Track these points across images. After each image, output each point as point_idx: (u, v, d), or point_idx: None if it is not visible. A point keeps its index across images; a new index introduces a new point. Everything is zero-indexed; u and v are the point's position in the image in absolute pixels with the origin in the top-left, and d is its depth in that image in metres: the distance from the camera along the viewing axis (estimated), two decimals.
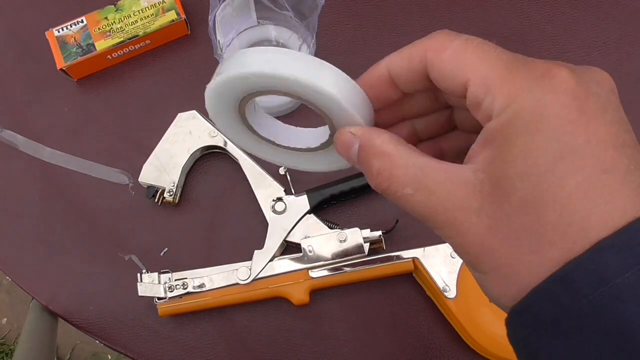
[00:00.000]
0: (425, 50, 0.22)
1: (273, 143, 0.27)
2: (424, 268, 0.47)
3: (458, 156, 0.27)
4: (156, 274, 0.48)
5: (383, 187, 0.23)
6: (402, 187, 0.22)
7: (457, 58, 0.21)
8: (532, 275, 0.20)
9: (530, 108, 0.19)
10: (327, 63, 0.23)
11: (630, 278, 0.18)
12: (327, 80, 0.22)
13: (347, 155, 0.24)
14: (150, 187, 0.51)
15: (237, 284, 0.48)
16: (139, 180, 0.50)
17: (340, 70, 0.23)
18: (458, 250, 0.22)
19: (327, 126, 0.26)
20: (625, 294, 0.18)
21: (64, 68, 0.53)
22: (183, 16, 0.53)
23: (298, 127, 0.28)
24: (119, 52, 0.54)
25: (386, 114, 0.26)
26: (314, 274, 0.48)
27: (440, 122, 0.27)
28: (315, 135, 0.27)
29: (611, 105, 0.20)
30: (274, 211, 0.49)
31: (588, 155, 0.19)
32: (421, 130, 0.27)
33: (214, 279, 0.48)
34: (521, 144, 0.19)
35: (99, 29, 0.53)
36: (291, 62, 0.22)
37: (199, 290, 0.48)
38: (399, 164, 0.22)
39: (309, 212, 0.49)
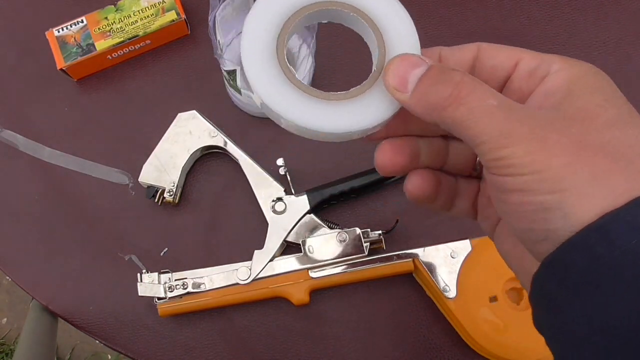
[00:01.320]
0: (477, 46, 0.26)
1: (306, 88, 0.25)
2: (424, 268, 0.47)
3: (449, 199, 0.29)
4: (156, 274, 0.48)
5: (462, 94, 0.22)
6: (485, 97, 0.21)
7: (510, 48, 0.25)
8: (630, 181, 0.20)
9: (588, 69, 0.23)
10: None
11: None
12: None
13: (404, 75, 0.23)
14: (150, 187, 0.51)
15: (237, 284, 0.48)
16: (139, 180, 0.50)
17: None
18: (536, 166, 0.20)
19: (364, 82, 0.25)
20: None
21: (64, 68, 0.53)
22: (183, 16, 0.53)
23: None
24: (119, 52, 0.54)
25: (395, 124, 0.26)
26: (314, 274, 0.48)
27: (440, 153, 0.28)
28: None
29: None
30: (274, 211, 0.49)
31: (628, 109, 0.22)
32: (425, 155, 0.28)
33: (214, 279, 0.48)
34: (592, 83, 0.22)
35: (99, 29, 0.53)
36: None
37: (199, 290, 0.48)
38: (481, 82, 0.22)
39: (309, 212, 0.49)
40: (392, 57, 0.24)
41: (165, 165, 0.50)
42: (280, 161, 0.50)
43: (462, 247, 0.47)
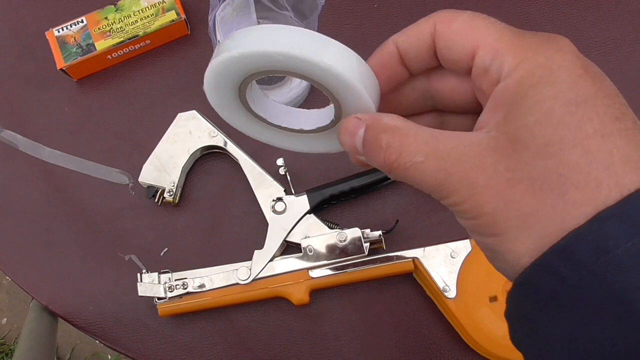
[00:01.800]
0: (433, 24, 0.23)
1: (267, 122, 0.27)
2: (424, 268, 0.47)
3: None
4: (156, 274, 0.48)
5: (392, 159, 0.22)
6: (412, 155, 0.21)
7: (466, 27, 0.22)
8: (559, 221, 0.19)
9: (540, 64, 0.20)
10: (334, 40, 0.22)
11: (631, 248, 0.17)
12: (335, 57, 0.22)
13: (351, 142, 0.23)
14: (150, 187, 0.51)
15: (237, 284, 0.48)
16: (139, 180, 0.50)
17: (348, 48, 0.22)
18: (472, 214, 0.21)
19: (324, 109, 0.25)
20: (625, 263, 0.17)
21: (64, 68, 0.53)
22: (183, 16, 0.53)
23: (295, 109, 0.27)
24: (119, 52, 0.54)
25: (380, 107, 0.26)
26: (314, 274, 0.48)
27: (419, 101, 0.27)
28: (312, 119, 0.26)
29: (605, 75, 0.21)
30: (274, 211, 0.49)
31: (599, 104, 0.19)
32: (398, 108, 0.27)
33: (214, 279, 0.48)
34: (535, 94, 0.19)
35: (99, 29, 0.53)
36: (298, 38, 0.21)
37: (199, 290, 0.48)
38: (408, 134, 0.22)
39: (309, 212, 0.49)
40: (343, 117, 0.24)
41: (165, 165, 0.50)
42: (280, 161, 0.50)
43: (462, 247, 0.47)
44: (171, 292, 0.47)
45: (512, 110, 0.20)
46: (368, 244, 0.48)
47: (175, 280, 0.48)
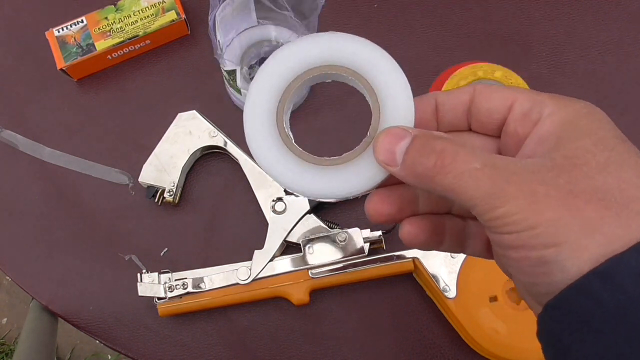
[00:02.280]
0: (473, 88, 0.25)
1: (299, 153, 0.27)
2: (424, 268, 0.47)
3: (458, 243, 0.28)
4: (156, 274, 0.48)
5: (446, 162, 0.22)
6: (469, 162, 0.22)
7: (504, 89, 0.25)
8: (624, 227, 0.20)
9: (581, 107, 0.22)
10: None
11: None
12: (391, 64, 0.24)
13: (390, 149, 0.24)
14: (150, 187, 0.51)
15: (237, 284, 0.48)
16: (139, 180, 0.50)
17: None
18: (529, 222, 0.21)
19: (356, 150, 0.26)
20: None
21: (64, 68, 0.53)
22: (183, 16, 0.53)
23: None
24: (119, 52, 0.54)
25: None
26: (314, 274, 0.48)
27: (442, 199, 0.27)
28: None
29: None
30: (274, 211, 0.49)
31: (622, 149, 0.21)
32: (423, 200, 0.27)
33: (214, 279, 0.48)
34: (585, 125, 0.22)
35: (99, 29, 0.53)
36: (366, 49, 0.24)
37: (199, 290, 0.48)
38: (464, 145, 0.22)
39: (309, 212, 0.49)
40: (380, 130, 0.25)
41: (165, 165, 0.50)
42: None
43: None
44: (171, 292, 0.47)
45: (565, 137, 0.22)
46: (368, 244, 0.48)
47: (175, 280, 0.48)
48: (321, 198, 0.26)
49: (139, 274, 0.48)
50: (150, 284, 0.47)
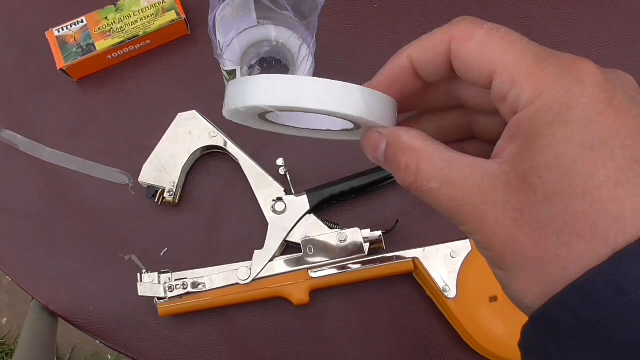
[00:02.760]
0: (449, 40, 0.22)
1: (294, 128, 0.27)
2: (424, 268, 0.47)
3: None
4: (156, 274, 0.48)
5: (410, 181, 0.22)
6: (427, 181, 0.21)
7: (483, 48, 0.21)
8: (561, 269, 0.19)
9: (558, 99, 0.19)
10: (345, 83, 0.22)
11: None
12: (349, 104, 0.22)
13: (374, 155, 0.24)
14: (150, 187, 0.51)
15: (237, 284, 0.48)
16: (139, 180, 0.50)
17: (358, 86, 0.22)
18: (483, 245, 0.21)
19: None
20: None
21: (64, 68, 0.53)
22: (183, 16, 0.53)
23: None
24: (119, 52, 0.54)
25: (403, 105, 0.25)
26: (314, 274, 0.48)
27: (458, 126, 0.26)
28: (338, 121, 0.26)
29: (638, 102, 0.19)
30: (274, 211, 0.49)
31: (618, 145, 0.18)
32: (437, 133, 0.26)
33: (214, 279, 0.48)
34: (548, 134, 0.19)
35: (99, 29, 0.53)
36: (308, 91, 0.22)
37: (199, 290, 0.48)
38: (425, 157, 0.22)
39: (309, 212, 0.49)
40: (363, 135, 0.25)
41: (165, 165, 0.50)
42: (280, 161, 0.50)
43: (462, 247, 0.47)
44: (171, 292, 0.47)
45: (526, 148, 0.19)
46: (368, 244, 0.47)
47: (175, 280, 0.48)
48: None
49: (139, 274, 0.48)
50: (150, 284, 0.47)
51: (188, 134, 0.51)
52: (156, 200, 0.50)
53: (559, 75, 0.19)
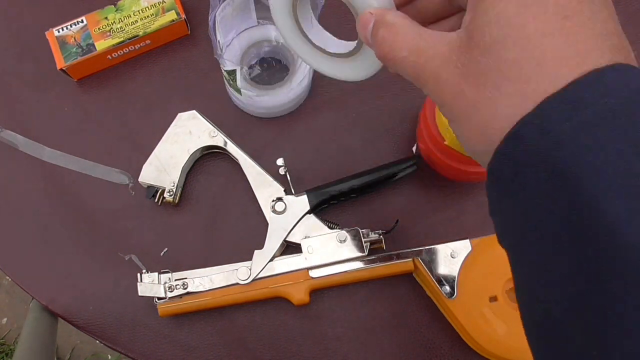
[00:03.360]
0: None
1: (309, 40, 0.32)
2: (424, 268, 0.47)
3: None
4: (156, 274, 0.48)
5: (385, 51, 0.25)
6: (399, 50, 0.24)
7: None
8: (493, 111, 0.21)
9: None
10: None
11: (568, 127, 0.19)
12: None
13: (364, 34, 0.27)
14: (150, 187, 0.51)
15: (237, 284, 0.48)
16: (139, 180, 0.50)
17: None
18: (439, 102, 0.24)
19: (352, 42, 0.30)
20: (562, 140, 0.19)
21: (64, 68, 0.53)
22: (183, 16, 0.53)
23: (332, 36, 0.33)
24: (119, 52, 0.54)
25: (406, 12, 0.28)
26: (314, 274, 0.48)
27: (445, 4, 0.29)
28: (343, 44, 0.32)
29: None
30: (274, 211, 0.49)
31: (551, 3, 0.20)
32: (426, 12, 0.29)
33: (214, 279, 0.48)
34: (489, 5, 0.21)
35: (99, 29, 0.53)
36: None
37: (199, 290, 0.48)
38: (400, 32, 0.25)
39: (309, 212, 0.49)
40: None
41: (165, 165, 0.50)
42: (280, 161, 0.50)
43: (462, 247, 0.47)
44: (171, 292, 0.47)
45: (475, 11, 0.22)
46: (368, 244, 0.48)
47: (175, 280, 0.48)
48: (338, 79, 0.32)
49: (139, 274, 0.48)
50: (150, 284, 0.47)
51: (188, 134, 0.51)
52: (156, 200, 0.50)
53: None
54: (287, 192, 0.50)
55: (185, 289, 0.47)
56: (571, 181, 0.19)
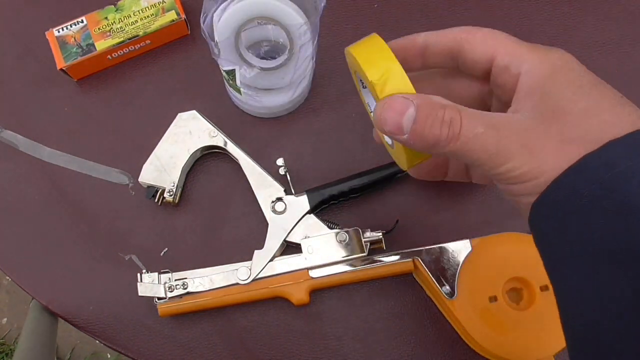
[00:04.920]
0: (459, 32, 0.28)
1: None
2: (424, 268, 0.47)
3: (461, 172, 0.35)
4: (156, 274, 0.48)
5: (455, 132, 0.25)
6: (474, 127, 0.25)
7: (488, 36, 0.28)
8: (555, 165, 0.24)
9: (557, 58, 0.26)
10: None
11: (634, 165, 0.22)
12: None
13: (397, 121, 0.26)
14: (150, 187, 0.51)
15: (237, 284, 0.48)
16: (139, 180, 0.50)
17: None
18: (534, 173, 0.24)
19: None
20: (629, 176, 0.22)
21: (64, 68, 0.53)
22: (183, 16, 0.53)
23: None
24: (119, 52, 0.54)
25: None
26: (314, 274, 0.48)
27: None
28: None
29: (585, 69, 0.27)
30: (274, 211, 0.49)
31: (604, 87, 0.25)
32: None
33: (214, 279, 0.48)
34: (563, 77, 0.25)
35: (99, 29, 0.53)
36: None
37: (199, 290, 0.48)
38: (465, 109, 0.25)
39: (309, 212, 0.49)
40: (378, 104, 0.27)
41: (165, 165, 0.50)
42: (280, 161, 0.50)
43: (462, 247, 0.47)
44: (171, 292, 0.47)
45: (547, 91, 0.25)
46: (368, 244, 0.48)
47: (175, 280, 0.48)
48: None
49: (139, 274, 0.48)
50: (150, 284, 0.47)
51: (188, 134, 0.51)
52: (156, 200, 0.50)
53: (548, 49, 0.27)
54: (287, 192, 0.50)
55: (185, 289, 0.47)
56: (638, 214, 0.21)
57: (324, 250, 0.48)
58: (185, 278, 0.48)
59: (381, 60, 0.27)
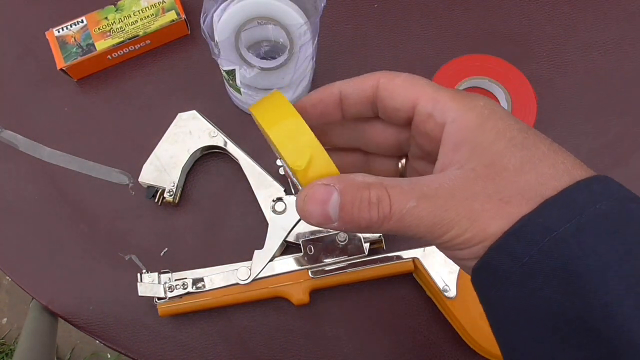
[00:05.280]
0: (377, 79, 0.26)
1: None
2: (424, 268, 0.47)
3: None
4: (156, 274, 0.48)
5: (386, 212, 0.23)
6: (405, 202, 0.22)
7: (408, 82, 0.26)
8: (497, 228, 0.22)
9: (482, 106, 0.24)
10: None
11: (570, 227, 0.21)
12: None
13: (322, 211, 0.23)
14: (150, 187, 0.51)
15: (237, 284, 0.48)
16: (139, 180, 0.50)
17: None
18: (478, 238, 0.23)
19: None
20: (567, 239, 0.21)
21: (64, 68, 0.53)
22: (183, 16, 0.53)
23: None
24: (119, 52, 0.54)
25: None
26: (314, 274, 0.48)
27: (355, 163, 0.30)
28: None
29: (512, 117, 0.25)
30: (274, 211, 0.49)
31: (533, 132, 0.24)
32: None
33: (214, 279, 0.48)
34: (492, 128, 0.23)
35: (99, 29, 0.53)
36: None
37: (199, 290, 0.48)
38: (391, 185, 0.23)
39: None
40: (299, 198, 0.24)
41: (165, 165, 0.50)
42: (280, 161, 0.50)
43: None
44: (171, 292, 0.47)
45: (478, 144, 0.23)
46: (368, 244, 0.48)
47: (175, 280, 0.48)
48: None
49: (139, 274, 0.48)
50: (150, 284, 0.47)
51: (188, 134, 0.51)
52: (156, 200, 0.50)
53: (471, 96, 0.25)
54: (287, 192, 0.50)
55: (185, 289, 0.47)
56: (580, 280, 0.20)
57: (323, 250, 0.48)
58: (185, 278, 0.48)
59: (298, 136, 0.24)
